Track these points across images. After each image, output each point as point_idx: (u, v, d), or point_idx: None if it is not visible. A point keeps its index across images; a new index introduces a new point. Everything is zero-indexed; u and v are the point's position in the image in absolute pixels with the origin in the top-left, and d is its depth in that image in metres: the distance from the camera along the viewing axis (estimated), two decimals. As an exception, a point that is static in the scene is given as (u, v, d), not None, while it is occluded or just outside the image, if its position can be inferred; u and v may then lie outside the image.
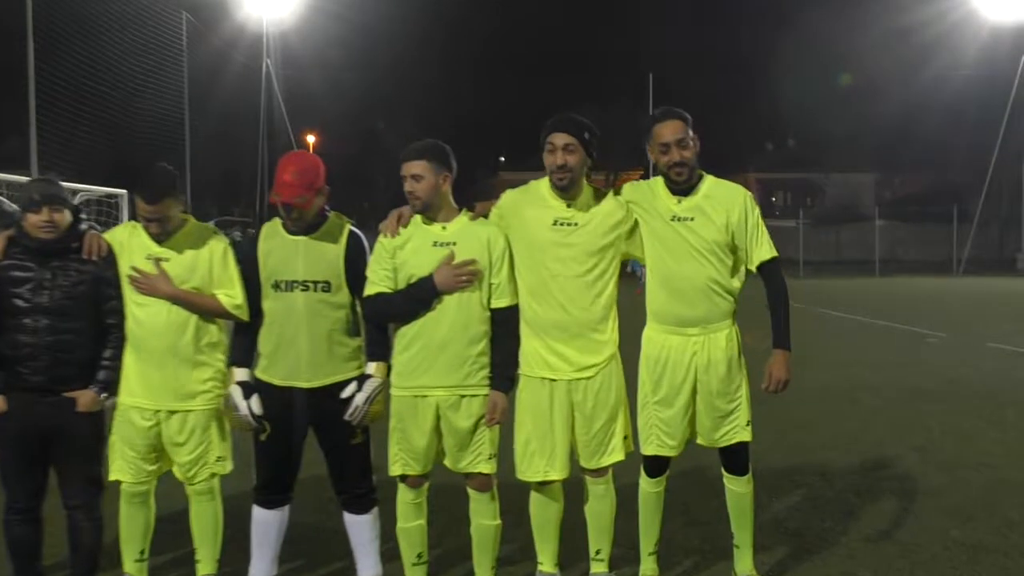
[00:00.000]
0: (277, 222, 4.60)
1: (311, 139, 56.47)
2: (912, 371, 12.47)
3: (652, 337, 4.70)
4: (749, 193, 4.69)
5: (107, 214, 19.65)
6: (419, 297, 4.38)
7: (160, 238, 4.50)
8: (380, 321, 4.54)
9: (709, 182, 4.67)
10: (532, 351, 4.53)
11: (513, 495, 4.78)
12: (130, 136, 29.05)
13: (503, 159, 74.40)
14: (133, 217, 4.85)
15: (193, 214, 4.74)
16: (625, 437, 4.62)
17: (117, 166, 23.25)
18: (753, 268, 4.64)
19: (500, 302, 4.49)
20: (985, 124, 44.96)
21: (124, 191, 20.96)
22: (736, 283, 4.66)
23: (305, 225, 4.51)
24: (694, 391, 4.62)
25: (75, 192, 18.43)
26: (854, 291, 31.07)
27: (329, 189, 4.60)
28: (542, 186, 4.62)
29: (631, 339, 4.77)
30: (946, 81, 47.76)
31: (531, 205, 4.59)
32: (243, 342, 4.58)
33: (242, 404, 4.44)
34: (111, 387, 4.50)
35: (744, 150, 64.48)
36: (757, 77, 70.63)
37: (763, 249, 4.61)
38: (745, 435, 4.65)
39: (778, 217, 54.98)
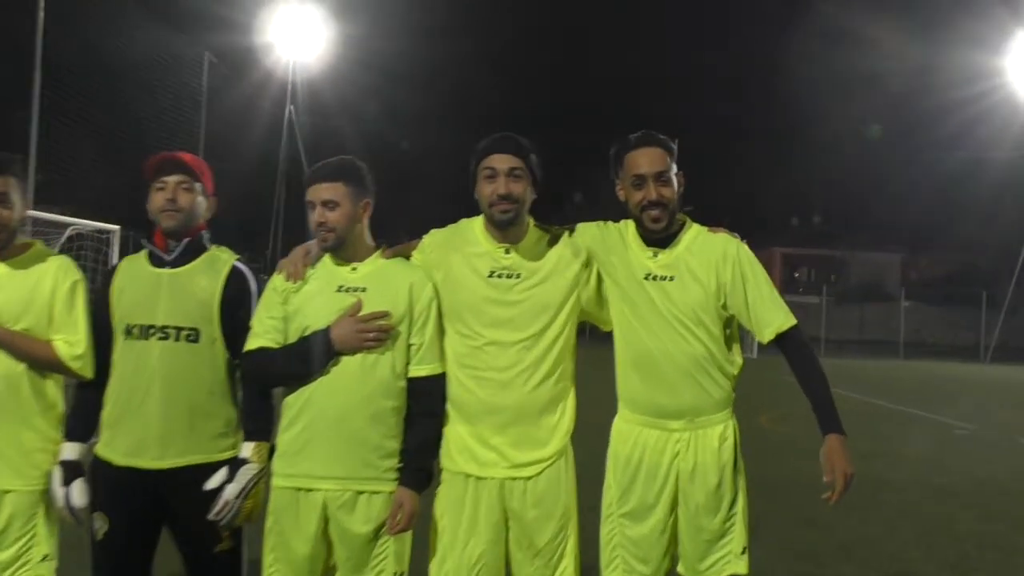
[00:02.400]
0: (142, 254, 3.62)
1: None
2: (940, 467, 11.26)
3: (623, 430, 3.62)
4: (743, 244, 3.61)
5: (97, 250, 18.96)
6: (308, 356, 3.34)
7: None
8: (261, 385, 3.50)
9: (694, 232, 3.62)
10: (456, 439, 3.47)
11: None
12: (136, 173, 28.42)
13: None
14: (124, 254, 3.91)
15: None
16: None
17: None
18: (764, 340, 3.52)
19: (421, 369, 3.45)
20: (1018, 208, 43.87)
21: (117, 227, 20.25)
22: (733, 364, 3.58)
23: (181, 221, 3.54)
24: (674, 503, 3.52)
25: (67, 225, 17.77)
26: (878, 373, 29.83)
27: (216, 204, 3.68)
28: (474, 225, 3.61)
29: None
30: (979, 163, 46.84)
31: (459, 250, 3.56)
32: (83, 407, 3.55)
33: (58, 492, 3.40)
34: None
35: (770, 224, 63.76)
36: (786, 151, 69.92)
37: (775, 315, 3.50)
38: (739, 567, 3.51)
39: (801, 292, 53.90)
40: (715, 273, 3.52)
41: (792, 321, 3.52)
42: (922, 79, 54.23)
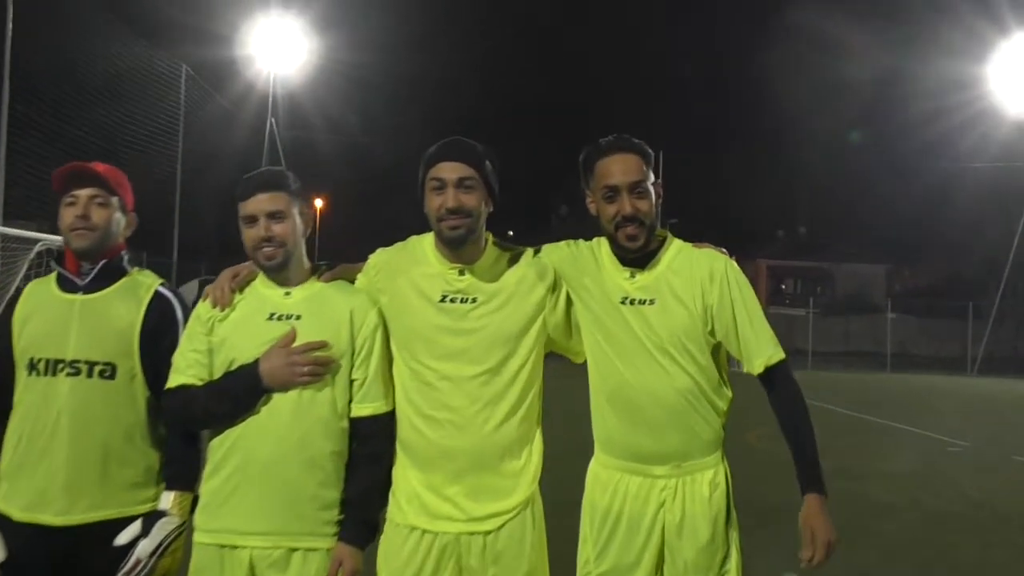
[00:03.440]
0: (50, 278, 3.20)
1: (318, 202, 55.72)
2: (933, 488, 10.88)
3: (600, 476, 3.20)
4: (731, 261, 3.20)
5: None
6: (235, 394, 2.92)
7: None
8: (183, 426, 3.08)
9: (675, 248, 3.20)
10: (404, 487, 3.05)
11: None
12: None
13: (511, 233, 73.68)
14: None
15: (179, 270, 3.36)
16: None
17: None
18: (753, 372, 3.11)
19: (364, 408, 3.03)
20: (1003, 219, 43.83)
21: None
22: (723, 397, 3.17)
23: (95, 241, 3.13)
24: (659, 561, 3.09)
25: (36, 241, 17.35)
26: (865, 387, 29.53)
27: (136, 220, 3.29)
28: (424, 244, 3.18)
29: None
30: (963, 174, 46.81)
31: (407, 271, 3.13)
32: None
33: None
34: None
35: (755, 236, 63.73)
36: (771, 163, 69.98)
37: (765, 346, 3.08)
38: None
39: (787, 304, 53.76)
40: (701, 294, 3.11)
41: (781, 354, 3.11)
42: (906, 89, 54.27)
